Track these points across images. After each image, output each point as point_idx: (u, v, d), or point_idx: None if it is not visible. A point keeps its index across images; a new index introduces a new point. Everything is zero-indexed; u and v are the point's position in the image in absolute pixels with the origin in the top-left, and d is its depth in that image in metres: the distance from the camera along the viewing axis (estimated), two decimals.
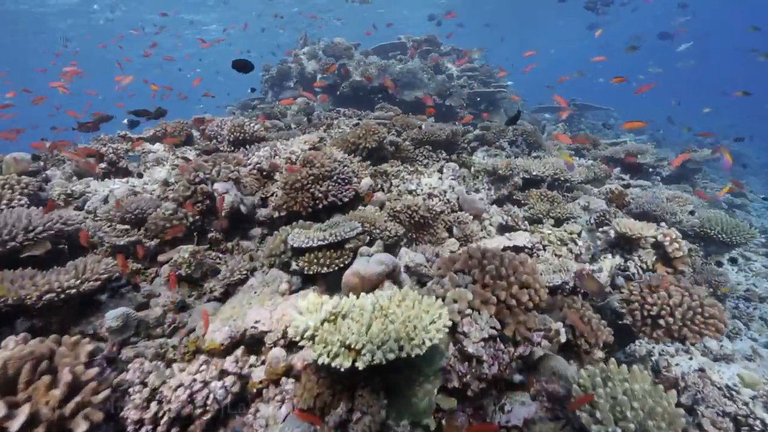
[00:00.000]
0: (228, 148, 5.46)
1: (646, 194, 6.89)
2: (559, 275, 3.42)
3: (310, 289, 3.23)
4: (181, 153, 5.57)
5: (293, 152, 4.71)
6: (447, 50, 12.66)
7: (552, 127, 10.24)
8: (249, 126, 5.45)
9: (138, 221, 3.88)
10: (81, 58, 13.41)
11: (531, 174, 6.27)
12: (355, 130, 5.41)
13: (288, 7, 22.32)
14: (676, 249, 3.91)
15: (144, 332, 2.83)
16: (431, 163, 6.09)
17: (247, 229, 4.32)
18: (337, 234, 3.19)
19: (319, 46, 11.97)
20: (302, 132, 7.58)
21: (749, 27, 12.23)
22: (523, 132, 8.60)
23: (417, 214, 3.83)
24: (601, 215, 5.76)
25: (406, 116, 8.79)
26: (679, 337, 3.41)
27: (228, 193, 3.96)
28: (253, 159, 4.49)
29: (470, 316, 2.50)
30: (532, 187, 6.23)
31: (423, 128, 6.27)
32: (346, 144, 5.40)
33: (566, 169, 6.38)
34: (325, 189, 4.12)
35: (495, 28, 24.13)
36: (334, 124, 7.55)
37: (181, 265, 3.45)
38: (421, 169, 5.80)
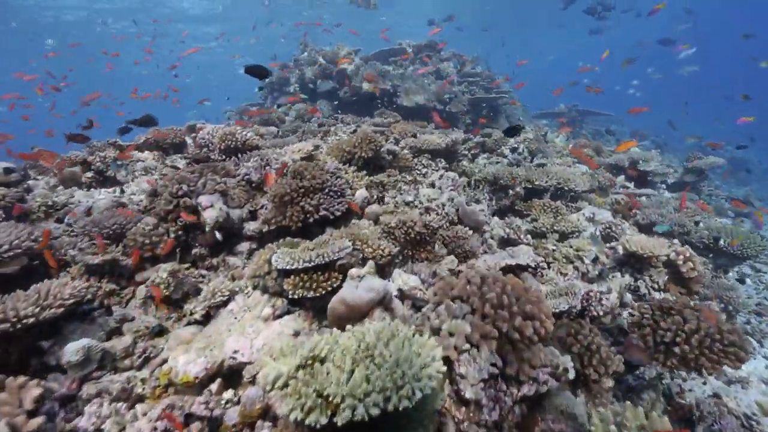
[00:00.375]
0: (219, 157, 5.19)
1: (652, 203, 6.59)
2: (566, 299, 3.12)
3: (296, 313, 2.94)
4: (171, 161, 5.30)
5: (284, 163, 4.43)
6: (447, 56, 12.39)
7: (552, 135, 9.94)
8: (241, 134, 5.18)
9: (117, 236, 3.60)
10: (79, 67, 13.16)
11: (534, 184, 5.98)
12: (351, 139, 5.13)
13: (287, 19, 22.14)
14: (690, 269, 3.61)
15: (110, 365, 2.55)
16: (430, 173, 5.80)
17: (235, 244, 4.04)
18: (324, 255, 2.91)
19: (319, 51, 11.72)
20: (299, 139, 7.31)
21: (741, 34, 11.93)
22: (525, 139, 8.31)
23: (413, 230, 3.54)
24: (607, 227, 5.46)
25: (405, 123, 8.53)
26: (696, 366, 3.11)
27: (213, 207, 3.68)
28: (241, 170, 4.21)
29: (468, 352, 2.21)
30: (534, 197, 5.95)
31: (417, 137, 5.99)
32: (341, 153, 5.12)
33: (570, 178, 6.09)
34: (316, 202, 3.84)
35: (496, 31, 23.88)
36: (332, 131, 7.27)
37: (159, 285, 3.17)
38: (419, 178, 5.51)
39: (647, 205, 6.61)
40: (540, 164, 7.53)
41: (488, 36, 23.91)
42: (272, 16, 21.45)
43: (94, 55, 15.35)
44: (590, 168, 5.62)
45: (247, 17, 21.99)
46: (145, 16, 21.53)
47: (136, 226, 3.58)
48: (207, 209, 3.65)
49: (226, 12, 21.64)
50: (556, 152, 8.77)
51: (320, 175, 3.93)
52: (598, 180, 7.31)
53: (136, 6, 20.52)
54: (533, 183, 6.01)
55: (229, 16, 21.89)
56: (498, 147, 8.32)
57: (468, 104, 11.23)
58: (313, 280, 2.89)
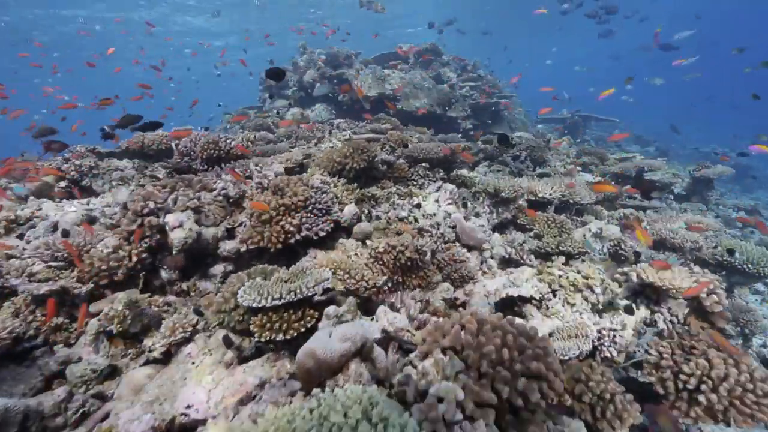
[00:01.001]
0: (201, 167, 4.75)
1: (662, 217, 6.10)
2: (576, 342, 2.66)
3: (266, 357, 2.49)
4: (150, 171, 4.87)
5: (266, 176, 3.98)
6: (449, 59, 11.92)
7: (556, 142, 9.48)
8: (224, 142, 4.74)
9: (73, 260, 3.17)
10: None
11: (537, 196, 5.52)
12: (342, 149, 4.68)
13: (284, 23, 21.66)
14: (715, 302, 3.14)
15: (37, 425, 2.11)
16: (427, 184, 5.34)
17: (210, 265, 3.60)
18: (297, 291, 2.46)
19: (318, 54, 11.28)
20: (291, 146, 6.87)
21: (734, 49, 11.37)
22: (527, 147, 7.84)
23: (403, 255, 3.08)
24: (616, 244, 4.99)
25: (402, 131, 8.07)
26: (725, 419, 2.65)
27: (182, 227, 3.24)
28: (218, 183, 3.77)
29: (460, 425, 1.76)
30: (538, 209, 5.48)
31: (409, 146, 5.53)
32: (331, 164, 4.67)
33: (575, 190, 5.62)
34: (298, 222, 3.39)
35: (498, 35, 23.37)
36: (326, 138, 6.83)
37: (113, 319, 2.73)
38: (415, 190, 5.05)
39: (656, 219, 6.13)
40: (543, 174, 7.06)
41: (490, 40, 23.42)
42: (266, 17, 20.93)
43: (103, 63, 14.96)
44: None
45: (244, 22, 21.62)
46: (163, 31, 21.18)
47: (95, 248, 3.14)
48: (174, 229, 3.21)
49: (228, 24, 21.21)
50: (560, 160, 8.29)
51: (303, 192, 3.48)
52: (604, 192, 6.84)
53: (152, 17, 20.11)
54: (536, 195, 5.54)
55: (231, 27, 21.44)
56: (499, 154, 7.85)
57: (469, 109, 10.77)
58: (284, 319, 2.44)
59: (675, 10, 20.25)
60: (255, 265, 3.64)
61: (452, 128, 10.36)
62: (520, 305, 3.24)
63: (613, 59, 15.80)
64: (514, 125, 12.17)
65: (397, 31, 22.94)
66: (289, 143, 6.95)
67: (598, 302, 3.29)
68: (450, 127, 10.42)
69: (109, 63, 16.26)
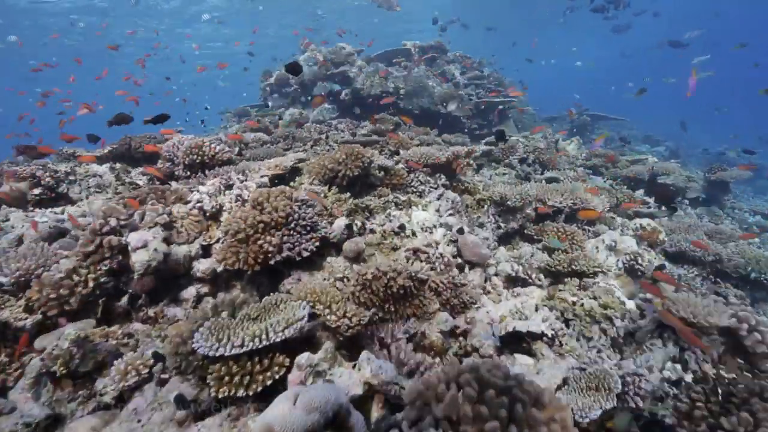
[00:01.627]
0: (184, 173, 4.31)
1: (680, 226, 5.57)
2: (598, 398, 2.19)
3: (225, 413, 2.06)
4: (131, 178, 4.45)
5: (247, 187, 3.53)
6: (454, 57, 11.37)
7: (564, 143, 8.91)
8: (209, 147, 4.30)
9: (24, 285, 2.76)
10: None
11: (546, 205, 5.02)
12: (335, 154, 4.22)
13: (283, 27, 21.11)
14: (757, 341, 2.65)
15: None
16: (428, 191, 4.87)
17: (184, 286, 3.17)
18: (263, 336, 2.01)
19: (320, 51, 10.79)
20: (286, 148, 6.42)
21: (736, 45, 10.68)
22: (534, 149, 7.32)
23: (395, 283, 2.63)
24: (632, 259, 4.50)
25: (404, 132, 7.59)
26: None
27: (146, 247, 2.81)
28: (194, 195, 3.33)
29: None
30: (547, 218, 5.00)
31: (401, 155, 5.07)
32: (323, 171, 4.21)
33: (587, 198, 5.12)
34: (278, 241, 2.94)
35: (504, 31, 22.65)
36: (323, 140, 6.37)
37: (57, 359, 2.31)
38: (414, 199, 4.59)
39: (674, 228, 5.61)
40: (552, 178, 6.55)
41: (498, 36, 22.73)
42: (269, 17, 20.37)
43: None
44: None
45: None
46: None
47: (48, 272, 2.73)
48: (137, 251, 2.78)
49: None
50: (569, 163, 7.76)
51: (285, 207, 3.03)
52: (616, 197, 6.32)
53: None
54: (545, 203, 5.05)
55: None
56: (505, 157, 7.34)
57: (474, 108, 10.24)
58: (247, 370, 2.00)
59: (684, 7, 19.44)
60: (234, 285, 3.22)
61: (457, 128, 9.85)
62: (530, 341, 2.77)
63: (625, 57, 15.14)
64: (521, 125, 11.61)
65: (405, 27, 22.27)
66: (285, 145, 6.50)
67: (618, 336, 2.81)
68: (455, 125, 9.91)
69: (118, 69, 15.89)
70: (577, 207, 5.06)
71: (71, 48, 19.64)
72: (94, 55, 18.64)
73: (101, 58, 17.19)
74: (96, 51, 16.78)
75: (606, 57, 35.92)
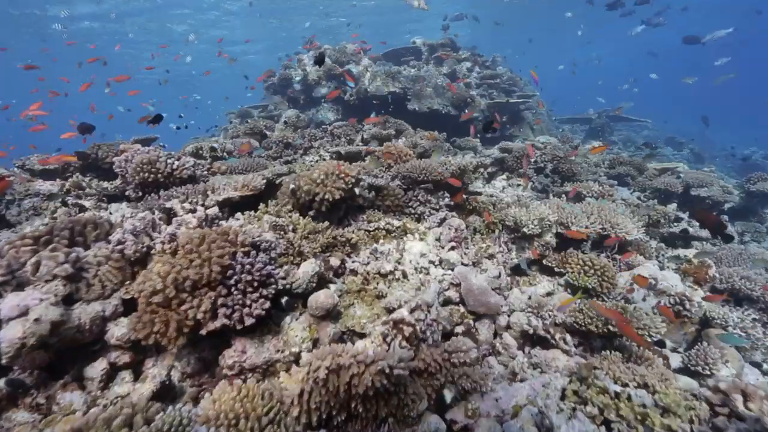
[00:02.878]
0: (135, 193, 3.47)
1: (731, 256, 4.51)
2: None
3: None
4: (75, 196, 3.62)
5: (187, 222, 2.65)
6: (465, 56, 10.31)
7: (584, 148, 7.81)
8: (164, 163, 3.45)
9: None
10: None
11: (569, 230, 4.04)
12: (312, 173, 3.31)
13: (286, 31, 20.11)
14: None
15: None
16: (428, 213, 3.94)
17: (98, 354, 2.33)
18: None
19: (325, 50, 9.86)
20: (275, 156, 5.55)
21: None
22: (553, 157, 6.29)
23: (360, 382, 1.73)
24: (678, 302, 3.51)
25: (410, 136, 6.63)
26: None
27: (25, 316, 1.96)
28: (116, 234, 2.48)
29: None
30: (570, 245, 4.03)
31: (408, 164, 4.12)
32: (298, 195, 3.32)
33: (618, 222, 4.11)
34: (211, 304, 2.07)
35: (518, 28, 21.31)
36: (314, 148, 5.47)
37: None
38: (411, 225, 3.66)
39: (719, 255, 4.55)
40: (574, 191, 5.53)
41: (513, 33, 21.44)
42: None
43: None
44: None
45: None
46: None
47: None
48: (11, 322, 1.94)
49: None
50: (591, 173, 6.70)
51: (222, 257, 2.14)
52: (648, 214, 5.27)
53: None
54: (569, 228, 4.07)
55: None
56: (520, 165, 6.33)
57: (486, 109, 9.20)
58: None
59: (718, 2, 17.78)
60: (166, 350, 2.37)
61: (467, 130, 8.83)
62: None
63: (652, 55, 13.83)
64: (536, 126, 10.51)
65: (415, 24, 21.09)
66: (276, 152, 5.63)
67: None
68: (465, 129, 8.88)
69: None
70: (606, 233, 4.06)
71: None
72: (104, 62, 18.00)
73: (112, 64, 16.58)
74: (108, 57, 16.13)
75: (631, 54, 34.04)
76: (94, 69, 8.25)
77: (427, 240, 3.56)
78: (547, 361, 2.61)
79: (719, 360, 3.24)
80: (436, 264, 3.24)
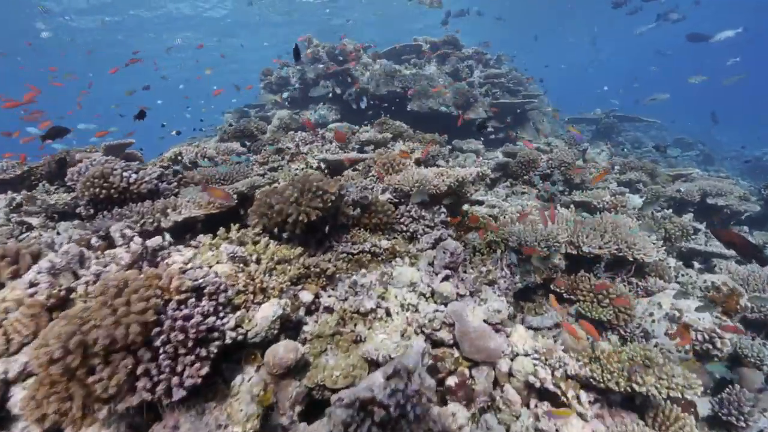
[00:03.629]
0: (86, 211, 2.97)
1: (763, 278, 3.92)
2: None
3: None
4: (19, 215, 3.13)
5: (118, 258, 2.14)
6: (469, 53, 9.69)
7: (594, 152, 7.19)
8: (120, 176, 2.94)
9: None
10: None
11: (581, 251, 3.49)
12: (284, 190, 2.79)
13: None
14: None
15: None
16: (422, 231, 3.41)
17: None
18: None
19: (323, 48, 9.30)
20: (263, 162, 5.03)
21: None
22: (561, 163, 5.70)
23: None
24: (707, 339, 2.96)
25: (407, 140, 6.09)
26: None
27: None
28: (28, 272, 1.98)
29: None
30: (581, 267, 3.48)
31: (400, 176, 3.58)
32: (269, 214, 2.80)
33: (635, 242, 3.55)
34: (125, 374, 1.56)
35: (523, 25, 20.50)
36: (304, 154, 4.94)
37: None
38: (401, 246, 3.13)
39: (745, 277, 3.97)
40: (583, 202, 4.96)
41: (518, 29, 20.65)
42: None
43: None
44: None
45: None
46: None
47: None
48: None
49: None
50: (602, 180, 6.12)
51: (144, 312, 1.63)
52: (665, 227, 4.69)
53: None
54: (580, 249, 3.52)
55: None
56: (524, 172, 5.76)
57: (490, 110, 8.59)
58: None
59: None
60: None
61: (470, 132, 8.26)
62: None
63: (661, 54, 13.11)
64: (541, 126, 9.89)
65: (423, 22, 20.30)
66: (263, 157, 5.11)
67: None
68: (468, 130, 8.30)
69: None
70: (622, 254, 3.51)
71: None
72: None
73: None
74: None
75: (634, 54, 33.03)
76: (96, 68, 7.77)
77: (419, 265, 3.03)
78: (558, 427, 2.09)
79: (756, 408, 2.71)
80: (427, 296, 2.71)
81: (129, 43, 19.12)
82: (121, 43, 19.20)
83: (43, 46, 16.42)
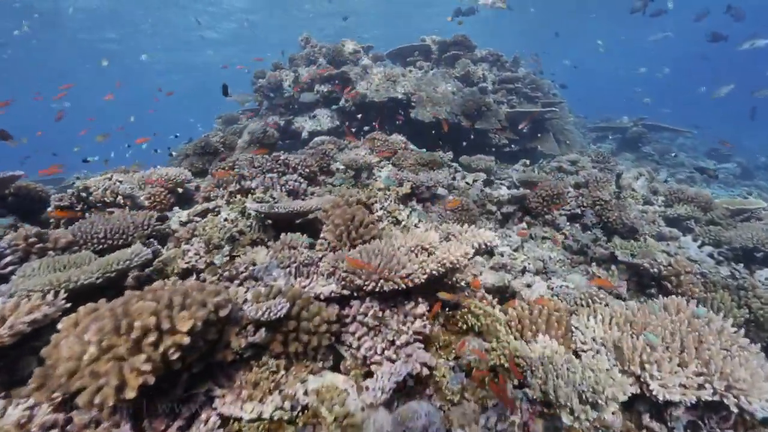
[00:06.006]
0: None
1: None
2: None
3: None
4: None
5: None
6: (482, 55, 7.89)
7: (629, 177, 5.38)
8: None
9: None
10: None
11: (652, 395, 1.89)
12: (73, 344, 1.30)
13: None
14: None
15: None
16: (379, 352, 1.86)
17: None
18: None
19: (321, 48, 7.69)
20: (205, 198, 3.55)
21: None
22: (595, 201, 3.99)
23: None
24: None
25: (403, 159, 4.50)
26: None
27: None
28: None
29: None
30: (639, 405, 1.89)
31: (361, 248, 2.02)
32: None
33: (739, 374, 1.93)
34: None
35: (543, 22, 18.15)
36: (256, 190, 3.41)
37: None
38: (328, 400, 1.61)
39: None
40: (633, 264, 3.27)
41: (537, 30, 18.36)
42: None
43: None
44: None
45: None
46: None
47: None
48: None
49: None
50: (641, 211, 4.37)
51: None
52: (749, 304, 2.99)
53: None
54: (652, 393, 1.92)
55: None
56: (546, 210, 4.08)
57: (505, 119, 6.85)
58: None
59: None
60: None
61: (484, 144, 6.57)
62: None
63: (706, 60, 10.92)
64: (562, 137, 8.04)
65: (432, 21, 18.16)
66: (203, 192, 3.62)
67: None
68: (481, 142, 6.61)
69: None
70: (716, 397, 1.89)
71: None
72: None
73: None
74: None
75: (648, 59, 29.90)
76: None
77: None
78: None
79: None
80: None
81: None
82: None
83: None
